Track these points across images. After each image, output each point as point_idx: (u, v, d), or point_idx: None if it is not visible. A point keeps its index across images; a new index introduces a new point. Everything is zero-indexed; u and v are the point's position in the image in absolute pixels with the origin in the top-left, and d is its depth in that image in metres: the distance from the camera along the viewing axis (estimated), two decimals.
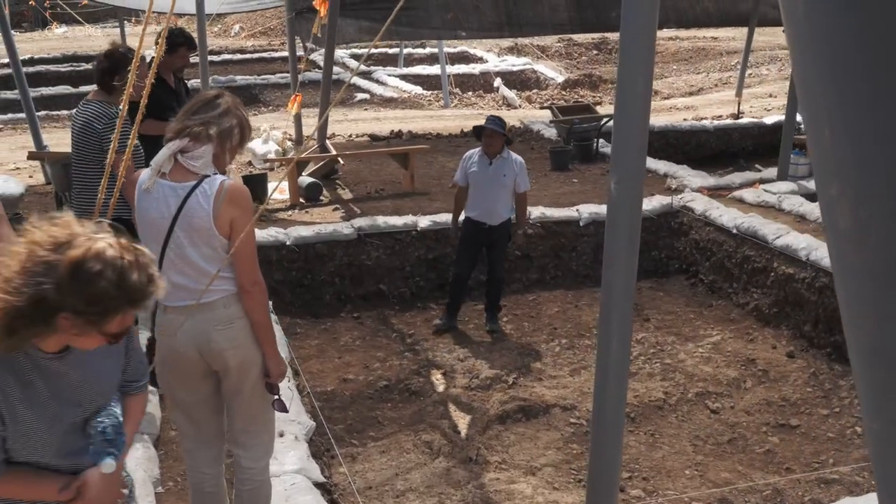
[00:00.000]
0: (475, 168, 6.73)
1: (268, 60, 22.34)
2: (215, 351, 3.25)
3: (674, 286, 8.17)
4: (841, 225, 0.94)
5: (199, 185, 3.17)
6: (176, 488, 4.25)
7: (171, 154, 3.20)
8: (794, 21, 0.90)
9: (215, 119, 3.22)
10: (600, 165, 10.73)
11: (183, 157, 3.20)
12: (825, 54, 0.89)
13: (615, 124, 3.15)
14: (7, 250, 2.18)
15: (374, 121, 15.03)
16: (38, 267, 2.11)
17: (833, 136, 0.91)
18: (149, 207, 3.23)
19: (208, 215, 3.15)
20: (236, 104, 3.35)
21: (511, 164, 6.70)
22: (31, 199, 9.39)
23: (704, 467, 5.08)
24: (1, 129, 15.04)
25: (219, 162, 3.28)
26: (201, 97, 3.36)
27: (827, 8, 0.88)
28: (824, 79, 0.90)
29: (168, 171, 3.22)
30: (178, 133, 3.22)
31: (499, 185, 6.68)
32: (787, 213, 8.11)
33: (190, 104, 3.33)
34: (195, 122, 3.20)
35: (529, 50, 24.73)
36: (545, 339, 6.94)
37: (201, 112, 3.24)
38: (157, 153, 3.29)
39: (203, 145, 3.20)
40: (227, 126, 3.24)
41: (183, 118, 3.26)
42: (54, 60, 21.66)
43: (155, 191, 3.21)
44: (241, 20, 30.30)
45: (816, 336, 6.53)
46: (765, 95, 17.52)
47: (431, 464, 5.04)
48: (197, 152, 3.19)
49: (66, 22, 31.46)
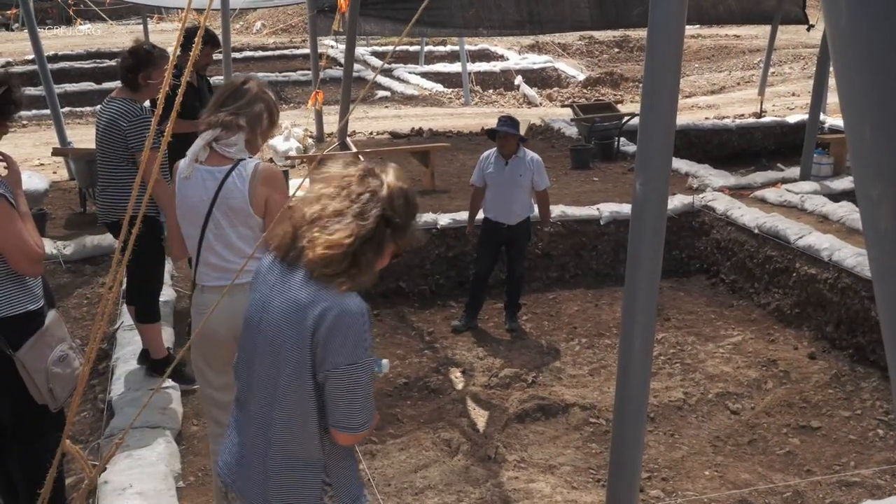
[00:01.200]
0: (491, 169, 6.72)
1: (289, 58, 22.43)
2: None
3: (694, 286, 8.13)
4: (882, 226, 0.93)
5: (234, 168, 3.38)
6: (197, 483, 4.28)
7: (206, 143, 3.39)
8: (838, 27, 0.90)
9: (244, 107, 3.41)
10: (621, 164, 10.70)
11: (217, 144, 3.40)
12: (867, 58, 0.89)
13: (641, 126, 3.13)
14: (310, 193, 2.39)
15: (395, 118, 15.06)
16: (365, 194, 2.33)
17: (874, 139, 0.91)
18: (189, 193, 3.42)
19: (244, 196, 3.33)
20: (263, 88, 3.52)
21: (527, 164, 6.68)
22: (55, 194, 9.48)
23: (724, 468, 5.06)
24: (25, 125, 15.18)
25: (251, 146, 3.48)
26: (229, 85, 3.55)
27: (868, 14, 0.87)
28: (865, 82, 0.90)
29: (204, 159, 3.42)
30: (210, 124, 3.40)
31: (516, 185, 6.67)
32: (809, 213, 8.06)
33: (219, 94, 3.51)
34: (225, 113, 3.39)
35: (550, 48, 24.69)
36: (565, 338, 6.93)
37: (230, 102, 3.42)
38: (183, 148, 3.36)
39: (235, 134, 3.39)
40: (255, 112, 3.43)
41: (214, 109, 3.44)
42: (78, 57, 21.83)
43: (194, 177, 3.40)
44: (263, 17, 30.43)
45: (838, 337, 6.48)
46: (788, 94, 17.42)
47: (450, 461, 5.05)
48: (230, 140, 3.39)
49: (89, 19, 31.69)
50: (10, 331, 3.36)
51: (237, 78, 3.60)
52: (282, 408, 2.35)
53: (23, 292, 3.42)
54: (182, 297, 6.66)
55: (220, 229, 3.37)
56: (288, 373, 2.33)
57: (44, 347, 3.42)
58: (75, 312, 6.41)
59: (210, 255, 3.36)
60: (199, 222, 3.38)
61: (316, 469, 2.40)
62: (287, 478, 2.39)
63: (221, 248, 3.37)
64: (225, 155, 3.40)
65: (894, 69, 0.89)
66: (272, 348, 2.36)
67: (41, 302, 3.52)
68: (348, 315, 2.30)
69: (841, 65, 0.94)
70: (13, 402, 3.48)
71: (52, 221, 8.50)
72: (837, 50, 0.94)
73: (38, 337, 3.42)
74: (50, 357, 3.43)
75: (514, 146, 6.65)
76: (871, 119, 0.92)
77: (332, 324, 2.28)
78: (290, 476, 2.39)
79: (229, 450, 2.54)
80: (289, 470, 2.39)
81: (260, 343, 2.41)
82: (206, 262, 3.40)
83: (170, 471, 4.13)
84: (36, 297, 3.49)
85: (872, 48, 0.90)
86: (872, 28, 0.90)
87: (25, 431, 3.55)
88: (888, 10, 0.88)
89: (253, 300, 2.48)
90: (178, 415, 4.83)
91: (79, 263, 7.32)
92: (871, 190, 0.94)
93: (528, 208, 6.80)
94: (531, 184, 6.70)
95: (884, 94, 0.91)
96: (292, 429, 2.36)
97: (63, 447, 3.17)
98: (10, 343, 3.35)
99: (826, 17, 0.94)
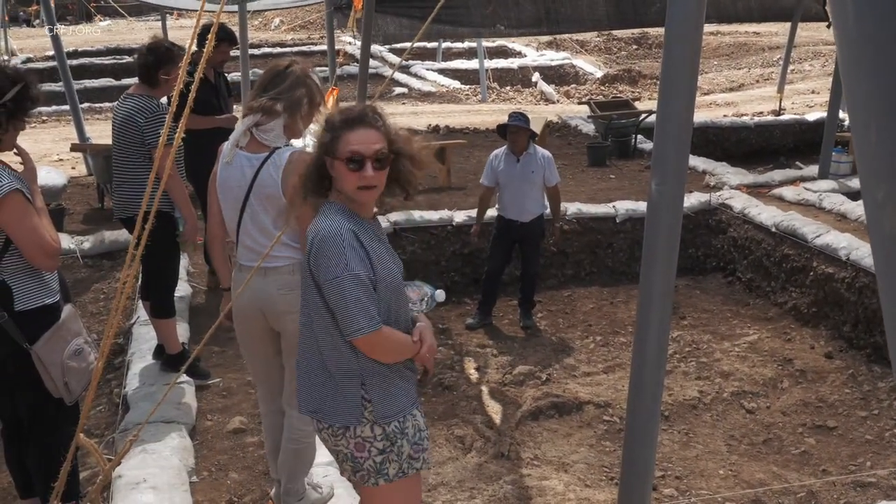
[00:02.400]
0: (503, 167, 6.71)
1: (307, 54, 22.44)
2: (276, 312, 3.51)
3: (711, 284, 8.10)
4: (887, 228, 0.92)
5: (270, 157, 3.46)
6: (210, 478, 4.30)
7: (247, 129, 3.48)
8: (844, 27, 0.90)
9: (284, 91, 3.47)
10: (638, 161, 10.67)
11: (256, 130, 3.48)
12: (873, 59, 0.88)
13: (657, 126, 3.10)
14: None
15: (412, 115, 15.06)
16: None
17: (879, 140, 0.90)
18: (229, 177, 3.53)
19: (277, 185, 3.41)
20: (306, 72, 3.56)
21: (538, 160, 6.67)
22: (73, 190, 9.55)
23: (738, 467, 5.03)
24: (45, 120, 15.30)
25: (291, 131, 3.55)
26: (272, 69, 3.59)
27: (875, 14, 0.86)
28: (871, 83, 0.89)
29: (245, 144, 3.51)
30: (251, 109, 3.48)
31: (527, 181, 6.66)
32: (827, 211, 8.00)
33: (262, 77, 3.58)
34: (266, 98, 3.46)
35: (568, 44, 24.62)
36: (580, 336, 6.92)
37: (271, 87, 3.50)
38: (200, 145, 3.42)
39: (274, 119, 3.46)
40: (295, 98, 3.48)
41: (256, 93, 3.52)
42: (97, 53, 21.98)
43: (234, 161, 3.50)
44: (281, 14, 30.49)
45: (856, 337, 6.44)
46: (807, 92, 17.30)
47: (463, 458, 5.05)
48: (268, 126, 3.47)
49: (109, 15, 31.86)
50: (26, 324, 3.40)
51: (281, 61, 3.64)
52: (316, 327, 2.73)
53: (39, 286, 3.46)
54: (198, 292, 6.69)
55: (255, 214, 3.49)
56: (308, 295, 2.74)
57: (60, 341, 3.46)
58: (92, 307, 6.46)
59: (247, 237, 3.52)
60: (238, 206, 3.52)
61: (353, 382, 2.70)
62: (331, 389, 2.72)
63: (257, 233, 3.50)
64: (262, 142, 3.49)
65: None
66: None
67: (57, 296, 3.55)
68: (321, 237, 2.64)
69: (847, 65, 0.94)
70: (30, 395, 3.52)
71: (71, 217, 8.57)
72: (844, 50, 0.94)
73: (55, 331, 3.45)
74: (66, 351, 3.46)
75: (525, 142, 6.65)
76: (876, 120, 0.91)
77: (313, 247, 2.66)
78: (333, 388, 2.71)
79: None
80: (331, 383, 2.72)
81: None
82: (243, 244, 3.57)
83: (183, 465, 4.15)
84: (52, 291, 3.52)
85: (879, 49, 0.90)
86: (879, 28, 0.89)
87: (41, 425, 3.59)
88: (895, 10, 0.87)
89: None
90: (193, 410, 4.85)
91: (96, 258, 7.37)
92: (876, 191, 0.93)
93: (540, 205, 6.79)
94: (543, 180, 6.69)
95: (890, 96, 0.90)
96: (326, 343, 2.70)
97: (77, 441, 3.20)
98: (26, 337, 3.38)
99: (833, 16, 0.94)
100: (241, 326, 3.66)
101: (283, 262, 3.46)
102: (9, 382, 3.53)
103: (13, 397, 3.56)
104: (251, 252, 3.50)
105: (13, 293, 3.38)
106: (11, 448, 3.73)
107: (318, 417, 2.77)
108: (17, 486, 3.81)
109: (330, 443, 2.79)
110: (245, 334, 3.68)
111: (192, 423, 4.74)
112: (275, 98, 3.46)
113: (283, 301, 3.47)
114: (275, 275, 3.46)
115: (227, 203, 3.58)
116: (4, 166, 3.38)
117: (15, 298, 3.39)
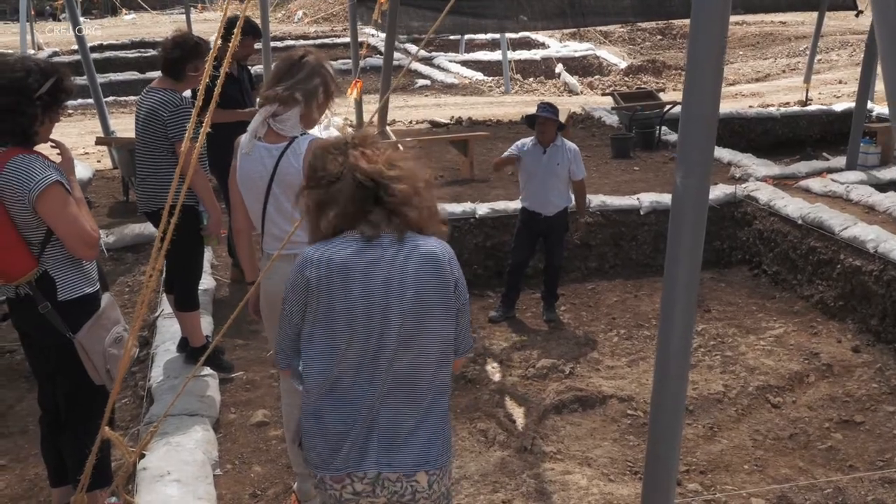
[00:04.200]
0: (528, 157, 6.67)
1: (330, 46, 22.48)
2: None
3: (736, 277, 8.03)
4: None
5: (290, 146, 3.51)
6: (234, 471, 4.33)
7: (264, 119, 3.52)
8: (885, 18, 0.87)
9: (300, 82, 3.51)
10: (662, 153, 10.59)
11: (273, 121, 3.53)
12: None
13: (682, 119, 3.07)
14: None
15: (435, 107, 15.04)
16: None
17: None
18: (249, 169, 3.58)
19: (298, 172, 3.44)
20: (321, 62, 3.61)
21: (565, 152, 6.62)
22: (99, 183, 9.62)
23: (764, 463, 4.99)
24: (70, 114, 15.41)
25: (307, 120, 3.59)
26: (287, 59, 3.62)
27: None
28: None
29: (262, 135, 3.55)
30: (268, 99, 3.52)
31: (553, 174, 6.61)
32: (854, 203, 7.90)
33: (277, 68, 3.61)
34: (282, 88, 3.50)
35: (592, 35, 24.46)
36: (603, 329, 6.88)
37: (286, 77, 3.52)
38: (223, 137, 3.44)
39: (290, 109, 3.50)
40: (311, 87, 3.53)
41: (272, 84, 3.55)
42: (122, 47, 22.12)
43: (254, 153, 3.54)
44: (304, 6, 30.54)
45: (884, 330, 6.36)
46: (834, 82, 17.10)
47: (486, 453, 5.04)
48: (285, 116, 3.51)
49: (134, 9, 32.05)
50: (69, 314, 3.48)
51: (295, 51, 3.68)
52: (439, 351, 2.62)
53: (81, 276, 3.54)
54: (221, 285, 6.72)
55: (279, 203, 3.54)
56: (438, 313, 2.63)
57: (101, 329, 3.53)
58: (117, 300, 6.49)
59: (273, 226, 3.57)
60: (261, 197, 3.57)
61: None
62: (443, 421, 2.62)
63: (282, 221, 3.55)
64: (279, 132, 3.53)
65: None
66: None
67: (97, 285, 3.63)
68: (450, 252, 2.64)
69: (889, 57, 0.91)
70: (67, 383, 3.58)
71: (96, 210, 8.63)
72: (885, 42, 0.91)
73: (96, 319, 3.52)
74: (107, 339, 3.52)
75: (553, 133, 6.60)
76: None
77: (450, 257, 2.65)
78: (444, 419, 2.62)
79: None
80: (443, 415, 2.62)
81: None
82: (270, 233, 3.62)
83: (207, 458, 4.18)
84: (92, 280, 3.59)
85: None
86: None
87: (77, 413, 3.66)
88: None
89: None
90: (217, 403, 4.88)
91: (121, 252, 7.43)
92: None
93: (565, 199, 6.74)
94: (569, 173, 6.65)
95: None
96: (445, 369, 2.64)
97: (102, 433, 3.23)
98: (69, 326, 3.45)
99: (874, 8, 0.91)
100: (270, 311, 3.70)
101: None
102: (51, 371, 3.60)
103: (54, 386, 3.64)
104: (277, 241, 3.54)
105: (56, 284, 3.47)
106: (50, 436, 3.79)
107: (430, 468, 2.53)
108: (49, 473, 3.87)
109: (439, 491, 2.57)
110: (274, 319, 3.71)
111: (216, 416, 4.77)
112: (291, 88, 3.49)
113: None
114: None
115: (250, 194, 3.62)
116: (43, 158, 3.43)
117: (58, 289, 3.47)
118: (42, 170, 3.34)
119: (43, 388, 3.75)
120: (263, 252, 3.74)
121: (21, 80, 3.35)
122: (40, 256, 3.44)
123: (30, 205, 3.34)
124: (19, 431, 5.00)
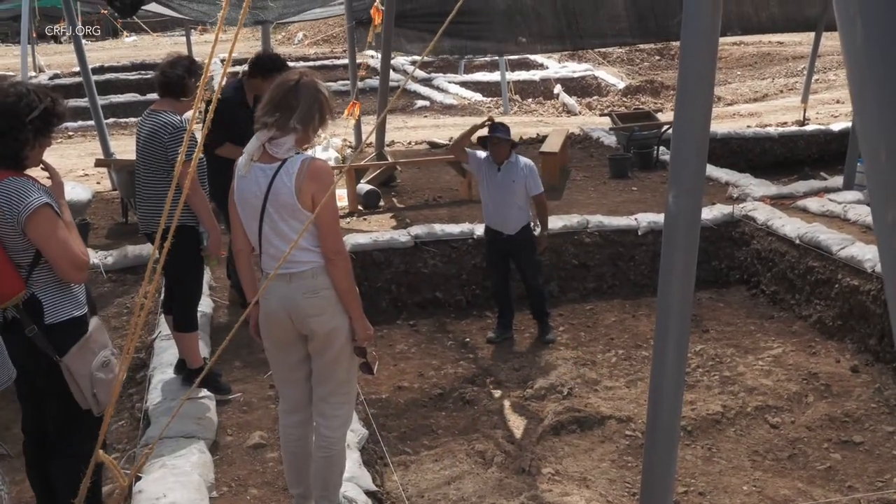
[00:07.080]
0: (485, 172, 6.71)
1: (330, 68, 22.58)
2: (302, 316, 3.58)
3: (734, 297, 8.03)
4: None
5: (283, 165, 3.52)
6: (230, 493, 4.30)
7: (261, 144, 3.55)
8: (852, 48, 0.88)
9: (296, 109, 3.53)
10: (660, 173, 10.62)
11: (269, 145, 3.56)
12: (882, 79, 0.87)
13: (674, 140, 3.09)
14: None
15: (434, 128, 15.09)
16: None
17: (889, 161, 0.89)
18: (245, 189, 3.60)
19: (291, 192, 3.48)
20: (316, 86, 3.62)
21: (520, 169, 6.65)
22: (98, 205, 9.64)
23: (763, 483, 4.97)
24: (71, 136, 15.47)
25: (302, 140, 3.61)
26: (283, 84, 3.62)
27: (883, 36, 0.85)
28: (881, 103, 0.88)
29: (258, 157, 3.58)
30: (266, 126, 3.54)
31: (509, 191, 6.64)
32: (852, 223, 7.92)
33: (272, 94, 3.61)
34: (280, 115, 3.52)
35: (591, 56, 24.55)
36: (601, 350, 6.88)
37: (284, 104, 3.54)
38: (223, 163, 3.41)
39: (287, 135, 3.53)
40: (307, 113, 3.55)
41: (268, 111, 3.56)
42: (123, 69, 22.23)
43: (250, 175, 3.57)
44: (304, 28, 30.69)
45: (882, 350, 6.35)
46: (832, 101, 17.16)
47: (484, 473, 5.03)
48: (281, 141, 3.54)
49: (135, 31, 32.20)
50: (56, 337, 3.47)
51: (291, 74, 3.67)
52: None
53: (68, 299, 3.53)
54: (219, 307, 6.72)
55: (274, 223, 3.55)
56: None
57: (88, 353, 3.53)
58: (115, 322, 6.50)
59: (269, 246, 3.59)
60: (257, 216, 3.59)
61: None
62: None
63: (277, 241, 3.56)
64: (274, 155, 3.56)
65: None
66: None
67: (85, 308, 3.63)
68: None
69: (856, 85, 0.92)
70: (56, 407, 3.58)
71: (95, 231, 8.65)
72: (853, 69, 0.92)
73: (83, 342, 3.52)
74: (94, 363, 3.52)
75: (507, 152, 6.64)
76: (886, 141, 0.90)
77: None
78: None
79: None
80: None
81: None
82: (267, 253, 3.63)
83: (203, 481, 4.16)
84: (80, 303, 3.59)
85: (887, 68, 0.88)
86: (888, 48, 0.88)
87: (66, 437, 3.64)
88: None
89: None
90: (214, 425, 4.86)
91: (120, 273, 7.43)
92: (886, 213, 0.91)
93: (525, 215, 6.75)
94: (525, 189, 6.67)
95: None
96: None
97: (96, 456, 3.22)
98: (55, 349, 3.44)
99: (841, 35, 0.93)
100: (268, 331, 3.72)
101: (306, 267, 3.54)
102: (37, 395, 3.59)
103: (40, 410, 3.63)
104: (274, 260, 3.56)
105: (43, 306, 3.46)
106: (34, 461, 3.77)
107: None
108: (38, 500, 3.85)
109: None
110: (273, 339, 3.74)
111: (213, 438, 4.75)
112: (289, 117, 3.52)
113: (308, 304, 3.56)
114: (299, 279, 3.54)
115: (247, 214, 3.65)
116: (33, 181, 3.45)
117: (45, 311, 3.47)
118: (32, 193, 3.36)
119: (26, 413, 3.74)
120: (262, 272, 3.76)
121: (13, 105, 3.37)
122: (28, 279, 3.45)
123: (19, 227, 3.35)
124: (16, 453, 4.98)
